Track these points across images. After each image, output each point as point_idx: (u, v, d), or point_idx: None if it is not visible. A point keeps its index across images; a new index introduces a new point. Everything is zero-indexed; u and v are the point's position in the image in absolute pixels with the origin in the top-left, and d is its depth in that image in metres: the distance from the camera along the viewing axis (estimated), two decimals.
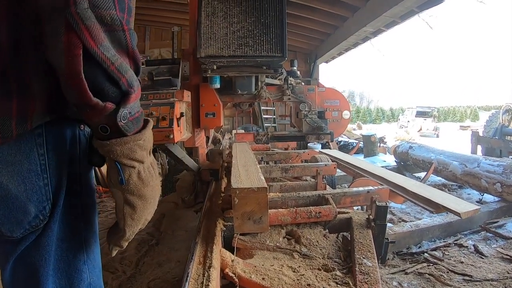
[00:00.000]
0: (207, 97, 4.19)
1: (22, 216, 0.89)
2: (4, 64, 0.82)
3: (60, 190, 0.95)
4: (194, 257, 1.65)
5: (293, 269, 1.85)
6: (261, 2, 3.59)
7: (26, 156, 0.88)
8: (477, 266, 3.49)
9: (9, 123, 0.82)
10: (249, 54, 3.59)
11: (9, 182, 0.86)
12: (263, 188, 1.68)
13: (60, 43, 0.75)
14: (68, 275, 1.01)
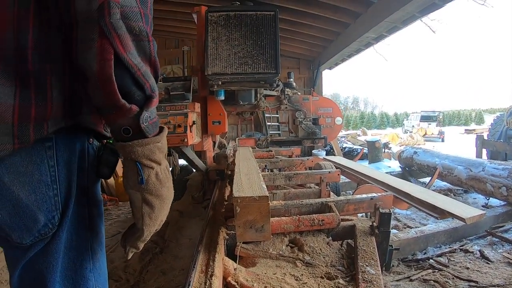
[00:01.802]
0: (214, 107, 5.00)
1: (32, 224, 0.92)
2: (26, 71, 0.86)
3: (69, 200, 0.98)
4: (196, 265, 1.65)
5: (296, 277, 1.85)
6: (258, 27, 4.55)
7: (37, 167, 0.91)
8: (483, 272, 3.47)
9: (27, 128, 0.86)
10: (248, 71, 4.53)
11: (20, 192, 0.89)
12: (265, 196, 1.68)
13: (93, 48, 0.81)
14: (74, 282, 1.03)
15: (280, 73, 4.69)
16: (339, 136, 20.97)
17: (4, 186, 0.87)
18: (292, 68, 12.08)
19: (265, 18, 4.69)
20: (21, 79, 0.85)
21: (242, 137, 6.99)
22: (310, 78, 12.31)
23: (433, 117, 31.46)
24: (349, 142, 18.17)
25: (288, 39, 10.00)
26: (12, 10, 0.84)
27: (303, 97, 6.45)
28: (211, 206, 2.87)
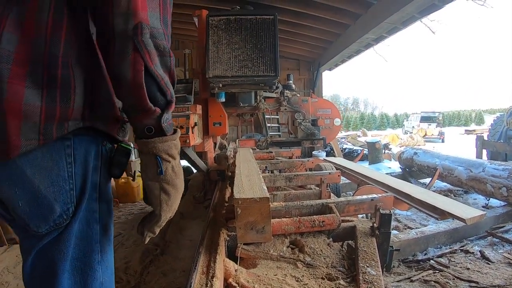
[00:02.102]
0: (214, 109, 5.15)
1: (48, 214, 1.02)
2: (55, 76, 0.98)
3: (83, 195, 1.09)
4: (197, 267, 1.66)
5: (297, 278, 1.86)
6: (257, 31, 4.64)
7: (56, 163, 1.02)
8: (483, 272, 3.48)
9: (51, 127, 0.97)
10: (248, 74, 4.63)
11: (40, 184, 0.99)
12: (265, 198, 1.70)
13: (127, 60, 0.97)
14: (83, 271, 1.11)
15: (280, 75, 4.81)
16: (339, 137, 21.02)
17: (26, 178, 0.98)
18: (292, 69, 12.09)
19: (264, 22, 4.77)
20: (49, 83, 0.97)
21: (242, 138, 7.10)
22: (310, 79, 12.33)
23: (433, 118, 31.44)
24: (349, 143, 18.17)
25: (288, 41, 10.01)
26: (45, 20, 0.96)
27: (302, 98, 6.58)
28: (211, 207, 2.89)
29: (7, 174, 0.97)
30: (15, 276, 3.58)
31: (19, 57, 0.93)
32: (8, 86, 0.90)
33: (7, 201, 1.00)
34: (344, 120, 60.23)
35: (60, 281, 1.06)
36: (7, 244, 4.15)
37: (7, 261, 3.80)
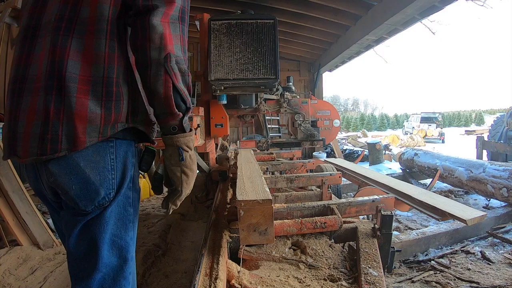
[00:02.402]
0: (216, 111, 5.29)
1: (94, 196, 1.32)
2: (112, 92, 1.33)
3: (122, 184, 1.40)
4: (200, 268, 1.68)
5: (299, 279, 1.87)
6: (258, 35, 4.83)
7: (103, 158, 1.34)
8: (484, 273, 3.48)
9: (106, 128, 1.31)
10: (249, 77, 4.84)
11: (90, 173, 1.30)
12: (268, 200, 1.71)
13: (160, 80, 1.31)
14: (119, 245, 1.40)
15: (280, 78, 5.05)
16: (340, 138, 21.05)
17: (80, 169, 1.29)
18: (293, 70, 12.12)
19: (265, 26, 4.97)
20: (107, 97, 1.32)
21: (243, 139, 7.18)
22: (310, 81, 12.36)
23: (433, 119, 31.43)
24: (349, 144, 18.18)
25: (288, 42, 10.05)
26: (103, 52, 1.32)
27: (302, 100, 6.72)
28: (213, 209, 2.90)
29: (66, 165, 1.29)
30: (16, 278, 3.57)
31: (83, 78, 1.28)
32: (76, 99, 1.26)
33: (63, 186, 1.30)
34: (344, 121, 60.19)
35: (101, 251, 1.34)
36: (8, 246, 4.13)
37: (9, 263, 3.79)
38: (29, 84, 1.32)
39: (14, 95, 1.37)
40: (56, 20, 1.31)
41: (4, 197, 4.20)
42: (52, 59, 1.27)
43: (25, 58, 1.37)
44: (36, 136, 1.26)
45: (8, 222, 4.15)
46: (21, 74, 1.36)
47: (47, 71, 1.27)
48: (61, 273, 3.70)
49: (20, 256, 3.98)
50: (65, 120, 1.25)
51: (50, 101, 1.25)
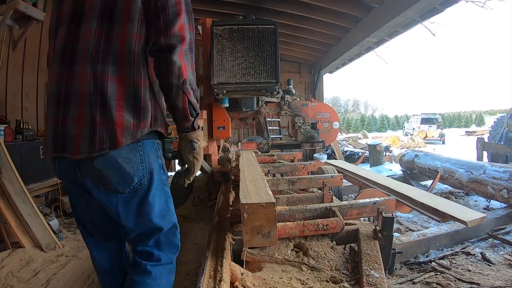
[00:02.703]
0: (218, 113, 5.48)
1: (130, 182, 1.73)
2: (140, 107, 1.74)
3: (152, 172, 1.82)
4: (204, 271, 1.70)
5: (302, 281, 1.89)
6: (259, 40, 4.97)
7: (134, 155, 1.74)
8: (484, 274, 3.49)
9: (137, 132, 1.72)
10: (251, 81, 5.00)
11: (126, 167, 1.71)
12: (271, 203, 1.73)
13: (179, 98, 1.75)
14: (165, 214, 1.90)
15: (280, 82, 5.19)
16: (340, 140, 21.05)
17: (118, 164, 1.69)
18: (293, 72, 12.15)
19: (266, 32, 5.09)
20: (137, 110, 1.73)
21: (244, 141, 7.25)
22: (311, 82, 12.39)
23: (434, 120, 31.44)
24: (350, 145, 18.18)
25: (289, 44, 10.06)
26: (133, 78, 1.73)
27: (302, 103, 6.85)
28: (216, 211, 2.92)
29: (108, 161, 1.68)
30: (19, 280, 3.60)
31: (119, 96, 1.69)
32: (116, 112, 1.66)
33: (106, 176, 1.70)
34: (344, 122, 60.17)
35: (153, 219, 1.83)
36: (11, 248, 4.15)
37: (11, 265, 3.83)
38: (74, 98, 1.70)
39: (60, 105, 1.74)
40: (94, 50, 1.69)
41: (6, 199, 4.22)
42: (95, 82, 1.66)
43: (66, 77, 1.74)
44: (86, 138, 1.66)
45: (10, 224, 4.17)
46: (64, 89, 1.74)
47: (91, 90, 1.67)
48: (64, 275, 3.72)
49: (22, 258, 4.00)
50: (108, 127, 1.66)
51: (96, 113, 1.65)
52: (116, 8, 1.74)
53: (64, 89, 1.74)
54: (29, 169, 5.24)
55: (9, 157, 4.39)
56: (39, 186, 5.59)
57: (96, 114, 1.66)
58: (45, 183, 5.82)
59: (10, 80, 5.86)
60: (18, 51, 6.05)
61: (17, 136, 5.58)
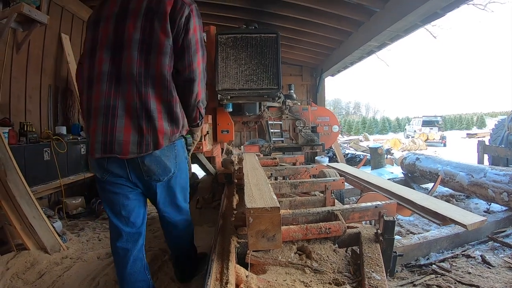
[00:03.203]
0: (223, 118, 5.82)
1: (168, 172, 2.43)
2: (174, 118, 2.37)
3: (180, 163, 2.54)
4: (211, 273, 1.74)
5: (305, 283, 1.93)
6: (262, 48, 5.24)
7: (171, 153, 2.41)
8: (484, 276, 3.52)
9: (173, 137, 2.39)
10: (254, 87, 5.30)
11: (166, 162, 2.38)
12: (276, 208, 1.77)
13: (194, 112, 2.60)
14: (185, 195, 2.79)
15: (281, 88, 5.49)
16: (342, 142, 21.07)
17: (160, 160, 2.34)
18: (295, 75, 12.22)
19: (268, 40, 5.38)
20: (172, 120, 2.35)
21: (246, 143, 7.38)
22: (312, 85, 12.45)
23: (435, 122, 31.46)
24: (351, 148, 18.21)
25: (292, 47, 10.12)
26: (167, 97, 2.31)
27: (303, 107, 7.09)
28: (220, 215, 2.97)
29: (154, 159, 2.32)
30: (25, 282, 3.62)
31: (159, 111, 2.27)
32: (157, 122, 2.26)
33: (152, 169, 2.34)
34: (346, 125, 60.24)
35: (177, 195, 2.66)
36: (16, 250, 4.18)
37: (16, 267, 3.85)
38: (120, 111, 2.20)
39: (108, 117, 2.19)
40: (137, 75, 2.21)
41: (11, 202, 4.24)
42: (140, 100, 2.21)
43: (113, 94, 2.21)
44: (135, 142, 2.22)
45: (15, 227, 4.19)
46: (112, 104, 2.20)
47: (138, 106, 2.20)
48: (69, 278, 3.74)
49: (27, 260, 4.02)
50: (153, 134, 2.26)
51: (142, 123, 2.22)
52: (152, 43, 2.23)
53: (112, 104, 2.20)
54: (32, 172, 5.27)
55: (14, 160, 4.41)
56: (42, 188, 5.62)
57: (143, 124, 2.22)
58: (49, 185, 5.86)
59: (14, 83, 5.90)
60: (22, 54, 6.08)
61: (21, 139, 5.58)
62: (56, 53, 7.16)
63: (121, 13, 2.30)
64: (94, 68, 2.27)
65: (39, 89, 6.64)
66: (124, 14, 2.29)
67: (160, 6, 2.26)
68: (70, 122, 7.40)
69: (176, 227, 2.84)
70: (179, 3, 2.30)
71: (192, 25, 2.35)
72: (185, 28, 2.33)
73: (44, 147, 5.94)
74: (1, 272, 3.70)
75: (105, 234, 5.28)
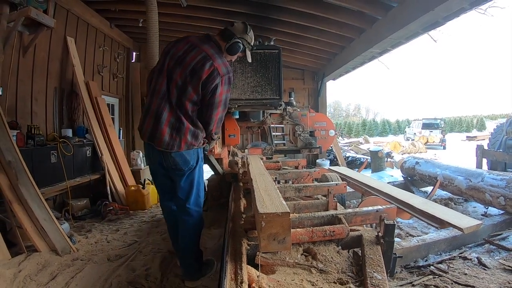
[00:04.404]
0: (230, 123, 6.41)
1: (189, 165, 3.36)
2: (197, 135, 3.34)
3: (198, 160, 3.46)
4: (226, 274, 1.87)
5: (312, 283, 2.07)
6: (265, 63, 5.92)
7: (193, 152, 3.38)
8: (480, 278, 3.63)
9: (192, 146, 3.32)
10: (258, 98, 6.15)
11: (188, 158, 3.32)
12: (287, 213, 1.90)
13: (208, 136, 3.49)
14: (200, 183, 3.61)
15: (283, 97, 6.27)
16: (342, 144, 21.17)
17: (184, 157, 3.30)
18: (297, 78, 12.31)
19: (271, 55, 6.12)
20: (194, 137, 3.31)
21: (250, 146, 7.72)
22: (314, 89, 12.54)
23: (435, 125, 31.50)
24: (352, 151, 18.31)
25: (294, 52, 10.18)
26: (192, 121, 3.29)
27: (302, 113, 7.60)
28: (230, 218, 3.10)
29: (178, 155, 3.26)
30: (38, 284, 3.68)
31: (187, 128, 3.23)
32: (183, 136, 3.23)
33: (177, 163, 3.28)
34: (346, 127, 60.16)
35: (196, 185, 3.49)
36: (26, 252, 4.23)
37: (29, 268, 3.91)
38: (163, 120, 3.20)
39: (156, 119, 3.23)
40: (175, 104, 3.23)
41: (22, 205, 4.32)
42: (176, 119, 3.23)
43: (163, 107, 3.22)
44: (165, 141, 3.20)
45: (26, 229, 4.26)
46: (160, 112, 3.22)
47: (173, 122, 3.22)
48: (82, 279, 3.80)
49: (39, 262, 4.09)
50: (178, 141, 3.22)
51: (174, 133, 3.21)
52: (186, 92, 3.19)
53: (160, 112, 3.23)
54: (40, 174, 5.34)
55: (24, 163, 4.49)
56: (49, 190, 5.72)
57: (175, 134, 3.23)
58: (55, 187, 5.97)
59: (20, 85, 5.96)
60: (28, 57, 6.15)
61: (28, 142, 5.67)
62: (62, 56, 7.24)
63: (180, 58, 3.22)
64: (157, 85, 3.29)
65: (45, 91, 6.70)
66: (180, 60, 3.21)
67: (200, 71, 3.12)
68: (75, 124, 7.48)
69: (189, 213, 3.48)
70: (214, 73, 3.15)
71: (219, 91, 3.22)
72: (212, 92, 3.19)
73: (51, 149, 6.05)
74: (14, 273, 3.77)
75: (112, 236, 5.38)
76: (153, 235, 5.34)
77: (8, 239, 4.30)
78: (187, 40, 3.33)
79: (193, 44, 3.27)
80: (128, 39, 10.54)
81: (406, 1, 5.91)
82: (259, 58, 6.06)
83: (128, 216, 6.76)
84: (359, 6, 6.58)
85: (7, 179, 4.32)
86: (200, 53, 3.19)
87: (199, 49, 3.22)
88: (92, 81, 8.07)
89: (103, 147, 7.65)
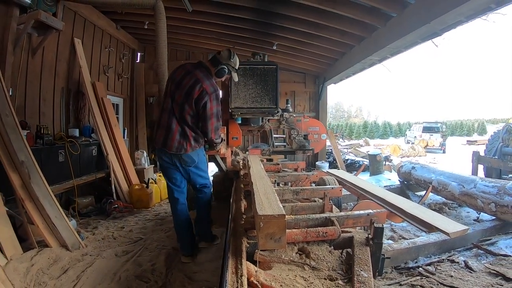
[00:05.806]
0: (233, 128, 7.17)
1: (195, 162, 4.31)
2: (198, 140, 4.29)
3: (202, 155, 4.45)
4: (228, 268, 2.07)
5: (305, 278, 2.27)
6: (265, 77, 6.81)
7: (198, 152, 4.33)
8: (464, 280, 3.80)
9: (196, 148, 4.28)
10: (258, 106, 7.10)
11: (194, 157, 4.27)
12: (282, 215, 2.09)
13: (208, 142, 4.48)
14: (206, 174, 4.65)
15: (279, 106, 7.18)
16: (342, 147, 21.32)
17: (191, 157, 4.23)
18: (298, 82, 12.44)
19: (269, 70, 7.01)
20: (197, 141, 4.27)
21: (250, 147, 8.30)
22: (315, 92, 12.73)
23: (435, 128, 31.51)
24: (351, 154, 18.43)
25: (296, 56, 10.40)
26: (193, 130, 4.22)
27: (297, 119, 8.22)
28: (231, 218, 3.27)
29: (186, 156, 4.21)
30: (50, 277, 3.84)
31: (191, 135, 4.19)
32: (188, 141, 4.18)
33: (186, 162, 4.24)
34: (347, 128, 60.09)
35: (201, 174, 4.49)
36: (37, 247, 4.38)
37: (41, 263, 4.06)
38: (172, 130, 4.13)
39: (167, 130, 4.15)
40: (179, 118, 4.14)
41: (34, 202, 4.47)
42: (181, 129, 4.16)
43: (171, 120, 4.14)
44: (175, 146, 4.13)
45: (38, 226, 4.41)
46: (170, 124, 4.15)
47: (180, 131, 4.15)
48: (92, 273, 3.99)
49: (50, 256, 4.26)
50: (185, 145, 4.15)
51: (182, 139, 4.15)
52: (184, 108, 4.09)
53: (170, 125, 4.13)
54: (48, 172, 5.43)
55: (36, 162, 4.62)
56: (57, 188, 5.86)
57: (182, 140, 4.12)
58: (63, 185, 6.15)
59: (29, 86, 6.11)
60: (37, 58, 6.32)
61: (37, 141, 5.81)
62: (69, 57, 7.42)
63: (178, 83, 4.15)
64: (165, 104, 4.26)
65: (53, 92, 6.86)
66: (179, 85, 4.14)
67: (192, 92, 4.03)
68: (81, 124, 7.67)
69: (202, 192, 4.56)
70: (203, 93, 4.03)
71: (209, 106, 4.07)
72: (203, 108, 4.06)
73: (59, 148, 6.23)
74: (26, 267, 3.91)
75: (118, 232, 5.57)
76: (158, 232, 5.55)
77: (19, 234, 4.41)
78: (183, 67, 4.29)
79: (187, 71, 4.19)
80: (133, 40, 10.73)
81: (405, 12, 6.08)
82: (259, 73, 7.00)
83: (132, 214, 6.94)
84: (360, 16, 6.82)
85: (19, 178, 4.46)
86: (193, 78, 4.10)
87: (192, 74, 4.14)
88: (98, 82, 8.26)
89: (109, 147, 7.82)
